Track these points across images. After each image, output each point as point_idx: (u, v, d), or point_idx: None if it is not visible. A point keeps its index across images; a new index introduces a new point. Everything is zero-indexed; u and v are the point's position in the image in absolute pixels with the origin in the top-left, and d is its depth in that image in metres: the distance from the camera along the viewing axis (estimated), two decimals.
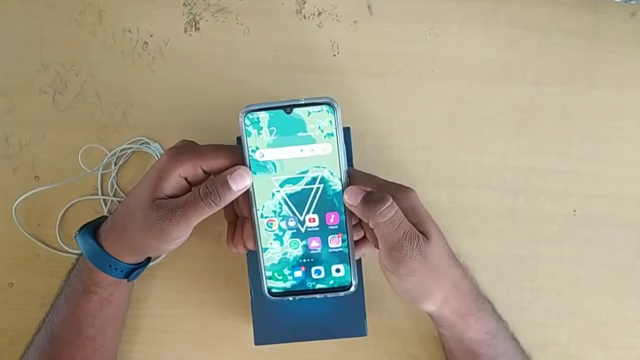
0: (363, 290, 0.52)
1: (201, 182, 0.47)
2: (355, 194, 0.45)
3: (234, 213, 0.49)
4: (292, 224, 0.47)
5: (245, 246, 0.48)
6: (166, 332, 0.56)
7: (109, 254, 0.48)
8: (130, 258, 0.49)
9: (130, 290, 0.53)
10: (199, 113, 0.56)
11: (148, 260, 0.52)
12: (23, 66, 0.56)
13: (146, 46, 0.56)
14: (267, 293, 0.48)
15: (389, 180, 0.47)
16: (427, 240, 0.44)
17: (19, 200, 0.55)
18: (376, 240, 0.45)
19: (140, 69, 0.56)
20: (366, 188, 0.45)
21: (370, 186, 0.46)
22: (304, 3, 0.56)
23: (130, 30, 0.56)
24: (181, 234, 0.46)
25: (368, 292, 0.52)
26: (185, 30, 0.56)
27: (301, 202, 0.47)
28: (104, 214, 0.56)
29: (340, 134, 0.46)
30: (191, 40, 0.56)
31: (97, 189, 0.56)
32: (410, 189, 0.46)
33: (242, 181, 0.45)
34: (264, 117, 0.46)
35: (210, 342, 0.56)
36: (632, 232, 0.55)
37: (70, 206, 0.56)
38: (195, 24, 0.56)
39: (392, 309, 0.55)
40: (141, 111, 0.56)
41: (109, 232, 0.49)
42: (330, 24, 0.56)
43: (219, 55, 0.56)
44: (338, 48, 0.56)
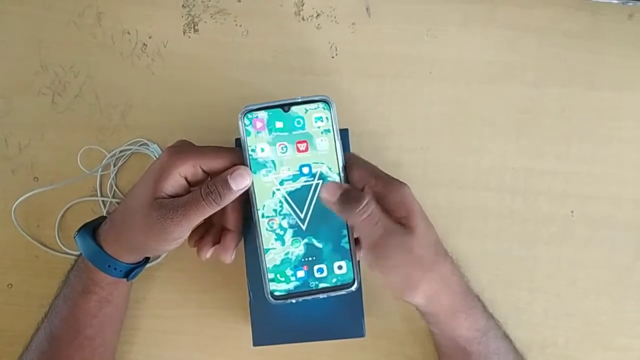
0: (361, 292, 0.52)
1: (200, 181, 0.47)
2: (332, 190, 0.45)
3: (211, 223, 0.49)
4: (293, 222, 0.48)
5: (208, 256, 0.49)
6: (165, 333, 0.56)
7: (108, 254, 0.48)
8: (129, 258, 0.49)
9: (129, 290, 0.53)
10: (198, 114, 0.56)
11: (147, 260, 0.52)
12: (22, 68, 0.56)
13: (145, 48, 0.56)
14: (270, 297, 0.48)
15: (386, 173, 0.47)
16: (410, 233, 0.44)
17: (18, 201, 0.55)
18: None
19: (139, 71, 0.56)
20: (343, 185, 0.45)
21: (367, 174, 0.46)
22: (303, 5, 0.56)
23: (129, 32, 0.56)
24: (182, 234, 0.46)
25: (366, 293, 0.52)
26: (184, 32, 0.56)
27: (301, 199, 0.47)
28: (103, 215, 0.56)
29: (336, 129, 0.47)
30: (190, 42, 0.56)
31: (96, 190, 0.56)
32: (404, 184, 0.46)
33: (242, 181, 0.45)
34: (262, 116, 0.46)
35: (209, 342, 0.56)
36: (630, 233, 0.55)
37: (69, 207, 0.56)
38: (194, 25, 0.56)
39: (389, 310, 0.56)
40: (140, 112, 0.56)
41: (108, 232, 0.49)
42: (328, 25, 0.56)
43: (218, 57, 0.56)
44: (336, 50, 0.56)
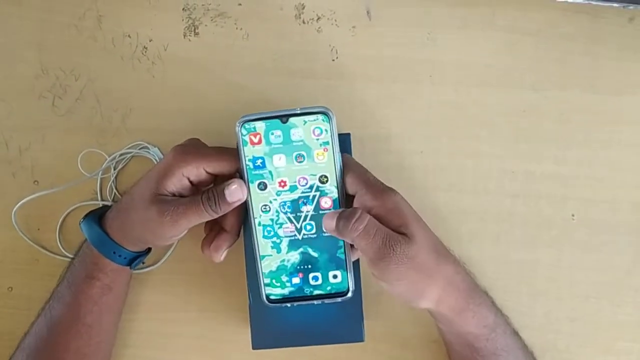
0: (361, 296, 0.52)
1: (204, 182, 0.49)
2: (330, 218, 0.46)
3: (215, 221, 0.50)
4: (289, 231, 0.48)
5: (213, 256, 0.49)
6: (164, 336, 0.56)
7: (114, 240, 0.49)
8: (132, 246, 0.50)
9: (129, 280, 0.54)
10: (198, 118, 0.56)
11: (149, 250, 0.53)
12: (22, 71, 0.56)
13: (145, 51, 0.56)
14: (265, 300, 0.49)
15: (379, 180, 0.47)
16: (410, 241, 0.44)
17: (18, 204, 0.55)
18: None
19: (140, 74, 0.56)
20: (338, 210, 0.46)
21: (359, 181, 0.46)
22: (303, 8, 0.56)
23: (129, 35, 0.56)
24: (178, 232, 0.48)
25: (366, 296, 0.52)
26: (185, 35, 0.56)
27: (298, 209, 0.47)
28: (107, 204, 0.56)
29: (335, 142, 0.46)
30: (190, 45, 0.56)
31: (97, 194, 0.56)
32: (394, 191, 0.46)
33: (236, 194, 0.46)
34: (260, 126, 0.46)
35: (209, 346, 0.56)
36: (630, 236, 0.55)
37: (70, 211, 0.56)
38: (195, 29, 0.56)
39: (390, 313, 0.55)
40: (140, 116, 0.56)
41: (113, 220, 0.50)
42: (329, 29, 0.56)
43: (218, 60, 0.56)
44: (337, 53, 0.56)
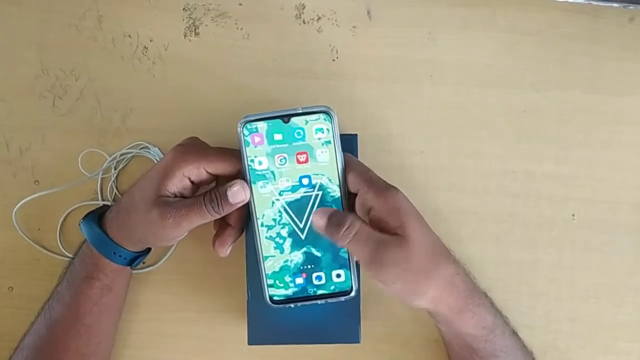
0: (359, 298, 0.51)
1: (205, 182, 0.49)
2: (320, 216, 0.46)
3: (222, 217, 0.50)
4: (292, 231, 0.48)
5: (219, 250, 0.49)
6: (163, 336, 0.56)
7: (114, 241, 0.49)
8: (132, 247, 0.50)
9: (129, 280, 0.54)
10: (199, 118, 0.56)
11: (149, 249, 0.53)
12: (23, 71, 0.56)
13: (146, 51, 0.56)
14: (269, 301, 0.49)
15: (381, 179, 0.47)
16: (404, 244, 0.44)
17: (19, 204, 0.55)
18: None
19: (140, 74, 0.56)
20: (329, 210, 0.46)
21: (361, 179, 0.46)
22: (304, 8, 0.56)
23: (130, 35, 0.56)
24: (180, 233, 0.48)
25: (366, 296, 0.52)
26: (185, 35, 0.56)
27: (301, 209, 0.47)
28: (106, 204, 0.56)
29: (337, 141, 0.46)
30: (191, 45, 0.56)
31: (97, 194, 0.56)
32: (396, 189, 0.46)
33: (239, 196, 0.46)
34: (262, 126, 0.46)
35: (208, 346, 0.56)
36: (631, 236, 0.55)
37: (70, 211, 0.56)
38: (195, 28, 0.56)
39: (389, 313, 0.55)
40: (141, 116, 0.56)
41: (113, 221, 0.50)
42: (329, 28, 0.56)
43: (219, 60, 0.56)
44: (337, 53, 0.56)
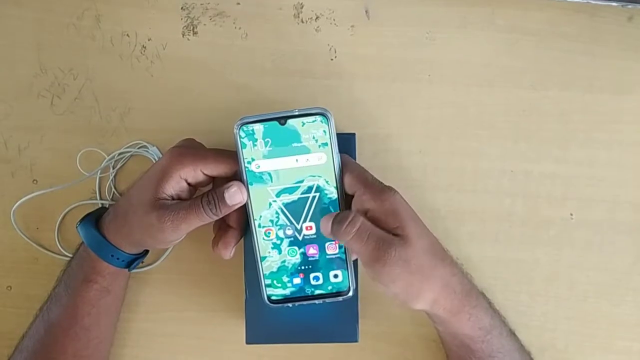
0: (357, 297, 0.51)
1: (202, 184, 0.48)
2: (326, 221, 0.46)
3: (222, 219, 0.50)
4: (289, 232, 0.48)
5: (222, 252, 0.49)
6: (161, 336, 0.56)
7: (111, 243, 0.49)
8: (130, 249, 0.50)
9: (127, 282, 0.54)
10: (197, 117, 0.56)
11: (146, 251, 0.53)
12: (21, 70, 0.56)
13: (144, 50, 0.56)
14: (267, 300, 0.49)
15: (377, 180, 0.47)
16: (405, 244, 0.44)
17: (17, 203, 0.55)
18: None
19: (139, 73, 0.56)
20: (333, 214, 0.46)
21: (358, 180, 0.46)
22: (302, 7, 0.56)
23: (128, 35, 0.56)
24: (178, 236, 0.48)
25: (364, 295, 0.52)
26: (183, 35, 0.56)
27: (298, 210, 0.47)
28: (104, 206, 0.56)
29: (334, 143, 0.46)
30: (189, 45, 0.56)
31: (96, 193, 0.56)
32: (393, 191, 0.46)
33: (236, 197, 0.46)
34: (258, 128, 0.46)
35: (207, 346, 0.56)
36: (629, 236, 0.55)
37: (69, 211, 0.56)
38: (193, 28, 0.56)
39: (388, 312, 0.55)
40: (139, 115, 0.56)
41: (110, 224, 0.50)
42: (327, 28, 0.56)
43: (217, 60, 0.56)
44: (335, 52, 0.56)
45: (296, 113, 0.45)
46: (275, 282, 0.48)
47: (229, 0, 0.56)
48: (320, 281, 0.48)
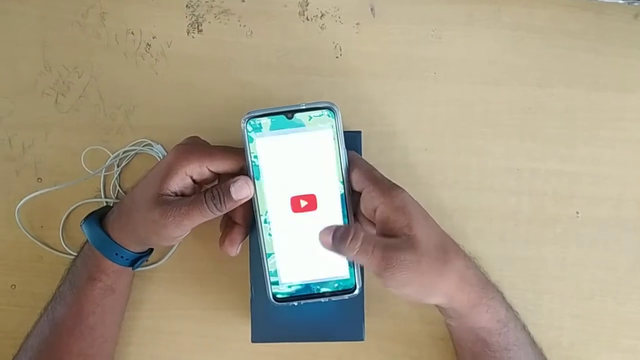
0: (363, 296, 0.51)
1: (207, 180, 0.48)
2: (325, 235, 0.44)
3: (228, 216, 0.49)
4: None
5: (228, 249, 0.48)
6: (166, 334, 0.56)
7: (115, 241, 0.49)
8: (134, 247, 0.50)
9: (131, 280, 0.54)
10: (202, 115, 0.56)
11: (151, 250, 0.53)
12: (26, 68, 0.56)
13: (149, 48, 0.56)
14: (272, 299, 0.48)
15: (386, 178, 0.46)
16: (413, 246, 0.43)
17: (22, 202, 0.55)
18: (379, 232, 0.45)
19: (143, 71, 0.56)
20: (333, 226, 0.44)
21: (366, 178, 0.46)
22: (307, 5, 0.56)
23: (133, 32, 0.56)
24: (182, 232, 0.47)
25: (369, 294, 0.52)
26: (188, 32, 0.56)
27: (304, 206, 0.47)
28: (108, 205, 0.56)
29: (340, 137, 0.46)
30: (194, 42, 0.56)
31: (100, 191, 0.56)
32: (401, 188, 0.46)
33: (243, 192, 0.46)
34: (265, 122, 0.46)
35: (211, 344, 0.56)
36: (635, 234, 0.55)
37: (73, 209, 0.56)
38: (198, 25, 0.56)
39: (394, 311, 0.55)
40: (144, 113, 0.56)
41: (115, 222, 0.50)
42: (333, 25, 0.56)
43: (222, 57, 0.56)
44: (341, 50, 0.56)
45: (303, 107, 0.45)
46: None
47: None
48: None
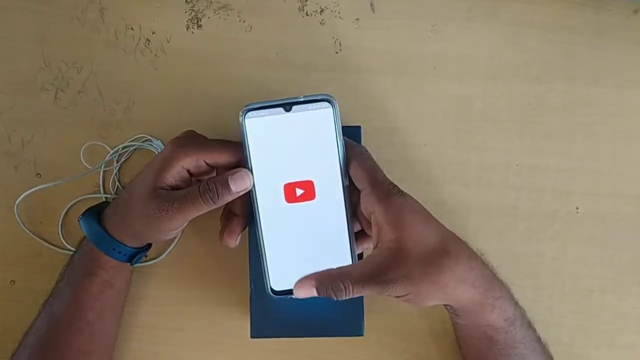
0: None
1: (203, 174, 0.48)
2: (305, 287, 0.43)
3: (228, 208, 0.49)
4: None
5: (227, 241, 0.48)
6: (166, 330, 0.56)
7: (113, 237, 0.49)
8: (132, 242, 0.50)
9: (130, 276, 0.53)
10: (201, 110, 0.56)
11: (149, 245, 0.52)
12: (25, 64, 0.56)
13: (148, 43, 0.56)
14: (270, 292, 0.48)
15: (387, 179, 0.46)
16: (400, 261, 0.43)
17: (21, 197, 0.55)
18: (375, 235, 0.45)
19: (143, 66, 0.56)
20: (310, 281, 0.43)
21: (367, 177, 0.45)
22: (306, 0, 0.56)
23: (132, 28, 0.56)
24: (176, 226, 0.47)
25: None
26: (188, 28, 0.56)
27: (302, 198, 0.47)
28: (106, 200, 0.56)
29: (339, 129, 0.46)
30: (193, 38, 0.56)
31: (99, 187, 0.56)
32: (400, 195, 0.45)
33: (242, 183, 0.46)
34: (263, 114, 0.46)
35: (211, 340, 0.56)
36: (635, 229, 0.55)
37: (72, 205, 0.56)
38: (198, 21, 0.56)
39: (394, 306, 0.55)
40: (143, 108, 0.56)
41: (111, 217, 0.50)
42: (332, 21, 0.56)
43: (221, 53, 0.56)
44: (340, 45, 0.56)
45: (301, 99, 0.46)
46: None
47: None
48: None
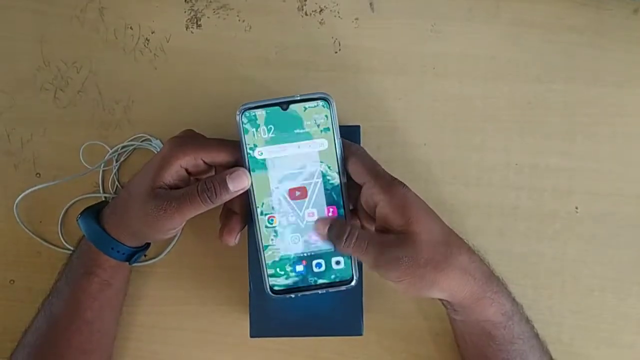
0: (362, 289, 0.51)
1: (202, 173, 0.48)
2: (321, 227, 0.47)
3: (228, 206, 0.49)
4: (292, 219, 0.48)
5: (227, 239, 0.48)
6: (165, 329, 0.56)
7: (111, 236, 0.49)
8: (131, 241, 0.50)
9: (129, 275, 0.54)
10: (201, 110, 0.56)
11: (148, 245, 0.52)
12: (24, 63, 0.56)
13: (148, 43, 0.56)
14: (269, 291, 0.48)
15: (387, 172, 0.46)
16: (409, 241, 0.44)
17: (20, 197, 0.55)
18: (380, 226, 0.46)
19: (142, 66, 0.56)
20: (329, 218, 0.47)
21: (367, 171, 0.46)
22: (306, 0, 0.56)
23: (131, 27, 0.56)
24: (174, 225, 0.47)
25: (369, 289, 0.52)
26: (187, 27, 0.56)
27: (300, 197, 0.47)
28: (104, 200, 0.56)
29: (336, 128, 0.46)
30: (193, 37, 0.56)
31: (99, 186, 0.56)
32: (402, 184, 0.46)
33: (240, 183, 0.46)
34: (260, 114, 0.46)
35: (210, 339, 0.56)
36: (634, 229, 0.55)
37: (72, 204, 0.56)
38: (197, 20, 0.56)
39: (393, 306, 0.55)
40: (143, 108, 0.56)
41: (110, 216, 0.50)
42: (331, 21, 0.56)
43: (221, 52, 0.56)
44: (339, 45, 0.56)
45: (298, 98, 0.46)
46: (278, 270, 0.48)
47: None
48: (323, 268, 0.48)
